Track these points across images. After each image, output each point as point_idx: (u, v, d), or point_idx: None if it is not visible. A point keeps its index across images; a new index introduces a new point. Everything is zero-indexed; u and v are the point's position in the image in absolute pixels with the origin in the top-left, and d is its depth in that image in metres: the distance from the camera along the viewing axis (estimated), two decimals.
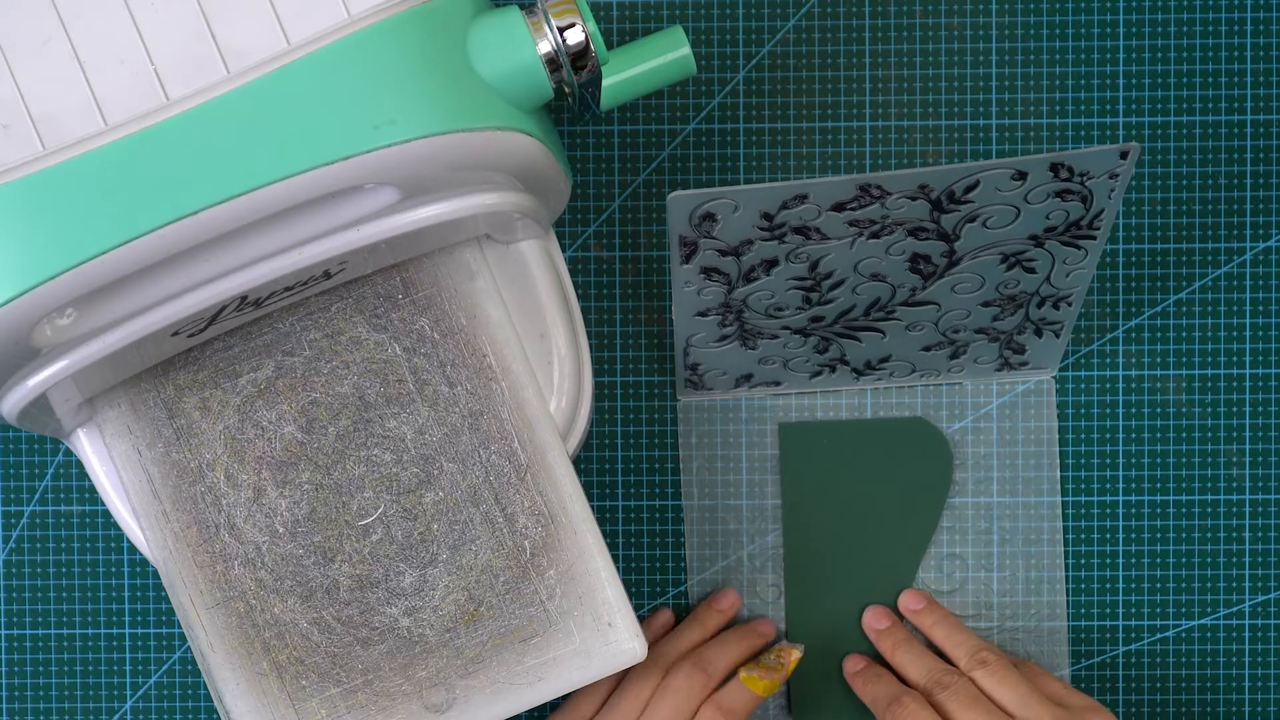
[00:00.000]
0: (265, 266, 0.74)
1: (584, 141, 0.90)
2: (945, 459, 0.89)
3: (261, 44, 0.72)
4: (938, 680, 0.85)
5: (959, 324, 0.86)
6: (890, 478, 0.89)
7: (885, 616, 0.89)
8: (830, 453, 0.90)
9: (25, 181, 0.71)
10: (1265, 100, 0.89)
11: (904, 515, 0.89)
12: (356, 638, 0.80)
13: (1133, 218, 0.90)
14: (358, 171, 0.72)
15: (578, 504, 0.81)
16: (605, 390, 0.90)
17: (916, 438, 0.90)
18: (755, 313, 0.84)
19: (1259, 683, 0.90)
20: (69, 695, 0.90)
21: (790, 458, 0.90)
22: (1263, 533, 0.90)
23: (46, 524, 0.90)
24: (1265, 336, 0.90)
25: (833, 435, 0.90)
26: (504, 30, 0.75)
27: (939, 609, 0.89)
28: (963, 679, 0.85)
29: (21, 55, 0.72)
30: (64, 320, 0.74)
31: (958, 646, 0.87)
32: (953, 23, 0.90)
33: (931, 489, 0.90)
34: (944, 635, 0.88)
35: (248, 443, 0.81)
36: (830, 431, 0.90)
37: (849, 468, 0.90)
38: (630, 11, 0.89)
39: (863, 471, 0.90)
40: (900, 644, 0.88)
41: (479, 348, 0.82)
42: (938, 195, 0.77)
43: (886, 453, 0.90)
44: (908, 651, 0.88)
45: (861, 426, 0.90)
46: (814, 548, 0.90)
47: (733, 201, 0.77)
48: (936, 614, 0.89)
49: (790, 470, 0.90)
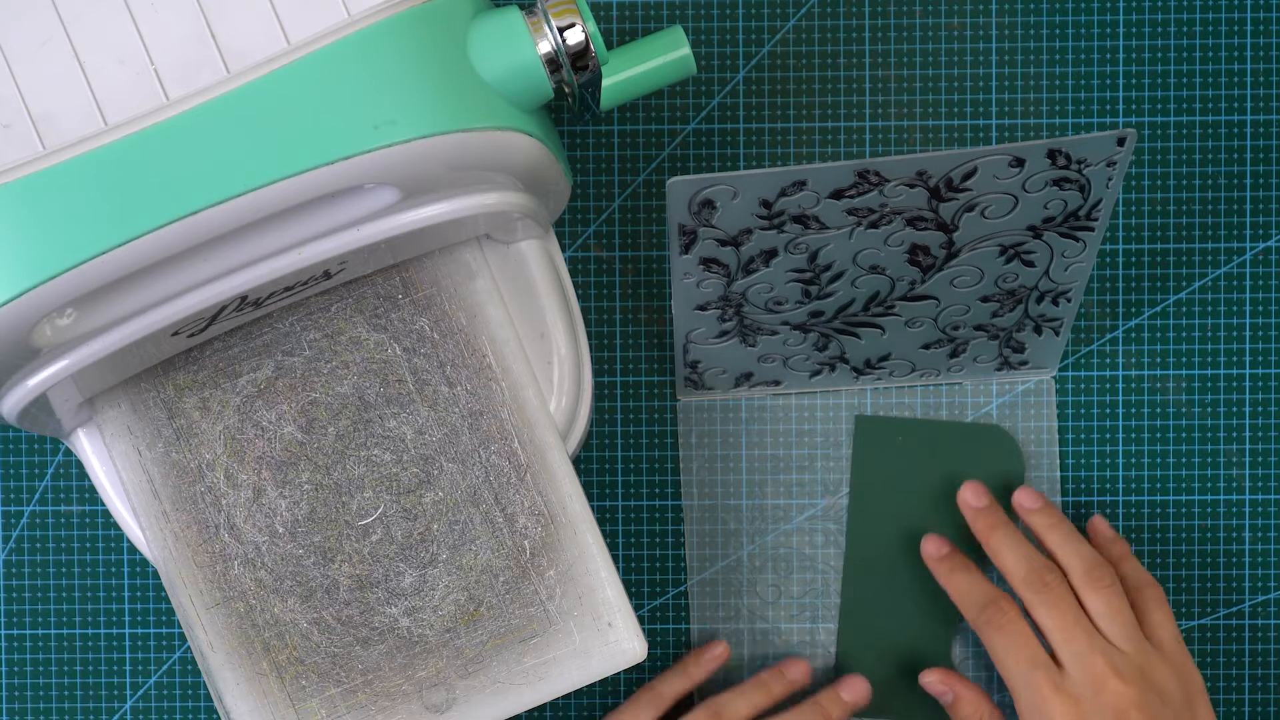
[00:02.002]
0: (265, 266, 0.75)
1: (584, 141, 0.90)
2: (1018, 468, 0.89)
3: (261, 44, 0.72)
4: (1040, 578, 0.82)
5: (958, 320, 0.86)
6: (962, 481, 0.88)
7: (984, 495, 0.86)
8: (904, 451, 0.89)
9: (25, 181, 0.71)
10: (1265, 100, 0.89)
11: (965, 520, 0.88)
12: (356, 638, 0.80)
13: (1133, 218, 0.90)
14: (358, 171, 0.72)
15: (578, 504, 0.81)
16: (605, 390, 0.90)
17: (992, 444, 0.89)
18: (755, 306, 0.84)
19: (1259, 683, 0.90)
20: (69, 695, 0.90)
21: (863, 452, 0.89)
22: (1263, 533, 0.90)
23: (46, 524, 0.90)
24: (1265, 336, 0.90)
25: (908, 433, 0.89)
26: (504, 30, 0.75)
27: (1056, 512, 0.86)
28: (1065, 586, 0.82)
29: (21, 55, 0.72)
30: (64, 320, 0.74)
31: (1073, 556, 0.84)
32: (953, 23, 0.90)
33: (1002, 496, 0.88)
34: (1058, 541, 0.85)
35: (248, 443, 0.81)
36: (906, 429, 0.89)
37: (922, 467, 0.89)
38: (630, 11, 0.90)
39: (936, 472, 0.89)
40: (998, 526, 0.85)
41: (479, 348, 0.82)
42: (936, 183, 0.78)
43: (961, 456, 0.89)
44: (1007, 536, 0.84)
45: (939, 427, 0.89)
46: (876, 544, 0.89)
47: (732, 188, 0.77)
48: (1053, 517, 0.86)
49: (862, 464, 0.89)
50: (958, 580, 0.85)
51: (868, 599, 0.89)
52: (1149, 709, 0.80)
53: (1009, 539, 0.85)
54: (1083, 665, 0.81)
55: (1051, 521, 0.85)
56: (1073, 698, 0.81)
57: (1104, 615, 0.83)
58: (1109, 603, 0.83)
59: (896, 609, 0.89)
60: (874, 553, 0.89)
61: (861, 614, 0.89)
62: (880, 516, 0.89)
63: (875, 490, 0.89)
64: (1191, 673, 0.83)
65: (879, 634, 0.89)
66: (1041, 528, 0.86)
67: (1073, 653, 0.82)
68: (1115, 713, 0.80)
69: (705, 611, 0.90)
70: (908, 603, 0.89)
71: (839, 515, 0.90)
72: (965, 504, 0.87)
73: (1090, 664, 0.81)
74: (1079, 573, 0.83)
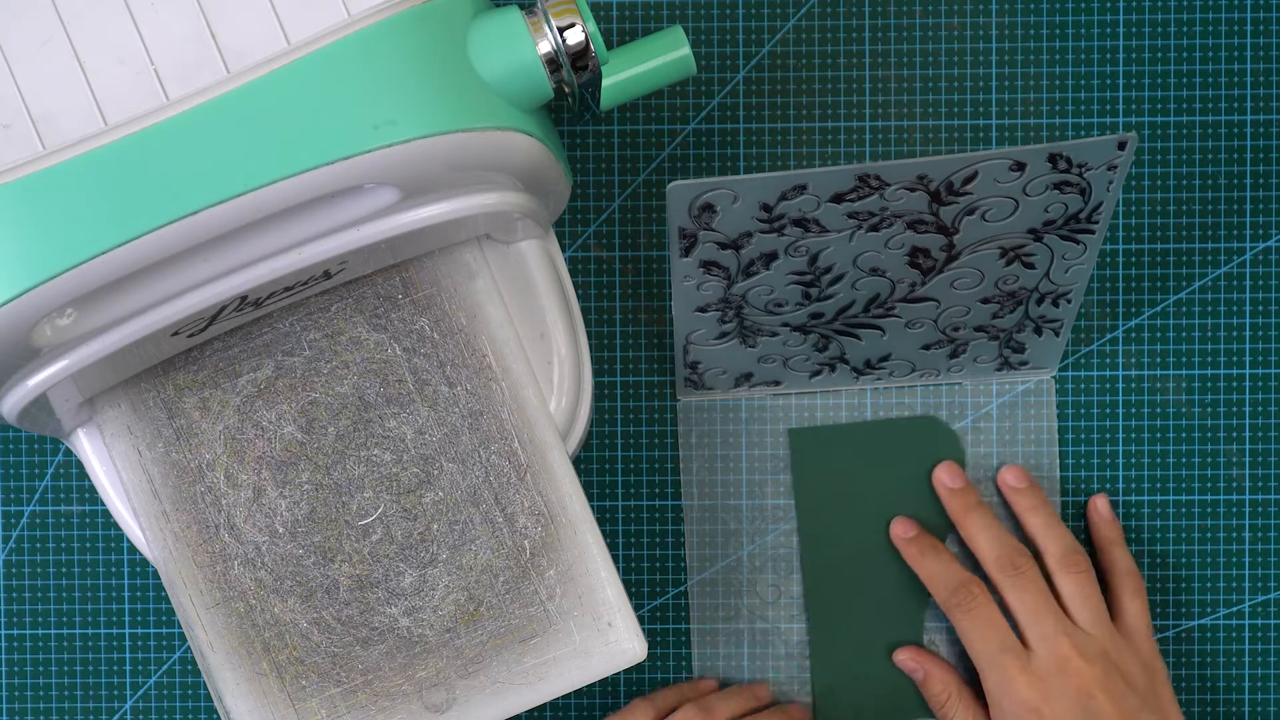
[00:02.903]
0: (265, 266, 0.75)
1: (584, 141, 0.90)
2: (958, 455, 0.89)
3: (261, 44, 0.72)
4: (1012, 561, 0.83)
5: (958, 321, 0.86)
6: (904, 477, 0.89)
7: (959, 476, 0.87)
8: (842, 456, 0.89)
9: (25, 181, 0.71)
10: (1265, 100, 0.89)
11: (920, 513, 0.89)
12: (356, 638, 0.80)
13: (1133, 218, 0.90)
14: (358, 171, 0.72)
15: (578, 504, 0.81)
16: (605, 390, 0.90)
17: (928, 436, 0.89)
18: (755, 308, 0.84)
19: (1259, 683, 0.90)
20: (69, 695, 0.90)
21: (802, 463, 0.89)
22: (1263, 533, 0.90)
23: (46, 524, 0.90)
24: (1265, 336, 0.90)
25: (843, 438, 0.90)
26: (504, 30, 0.75)
27: (1040, 494, 0.87)
28: (1036, 569, 0.83)
29: (21, 55, 0.72)
30: (64, 320, 0.74)
31: (1051, 540, 0.85)
32: (953, 23, 0.90)
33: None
34: (1039, 524, 0.86)
35: (248, 443, 0.81)
36: (841, 435, 0.89)
37: (862, 470, 0.89)
38: (630, 11, 0.89)
39: (876, 473, 0.89)
40: (973, 508, 0.86)
41: (479, 348, 0.82)
42: (936, 186, 0.78)
43: (898, 453, 0.89)
44: (980, 518, 0.85)
45: (872, 428, 0.90)
46: (831, 553, 0.89)
47: (732, 192, 0.77)
48: (1036, 498, 0.87)
49: (803, 476, 0.89)
50: (927, 563, 0.86)
51: (833, 612, 0.89)
52: (1113, 690, 0.82)
53: (982, 521, 0.86)
54: (1049, 647, 0.83)
55: (1034, 503, 0.87)
56: (1038, 678, 0.82)
57: (1074, 599, 0.84)
58: (1080, 587, 0.84)
59: (863, 613, 0.89)
60: (832, 565, 0.89)
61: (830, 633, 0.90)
62: (831, 527, 0.89)
63: (822, 502, 0.89)
64: (1157, 663, 0.85)
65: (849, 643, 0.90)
66: (1024, 508, 0.87)
67: (1040, 634, 0.83)
68: (1079, 692, 0.82)
69: (705, 611, 0.90)
70: (873, 606, 0.89)
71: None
72: (940, 484, 0.88)
73: (1056, 645, 0.83)
74: (1055, 556, 0.85)
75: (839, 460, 0.89)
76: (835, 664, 0.89)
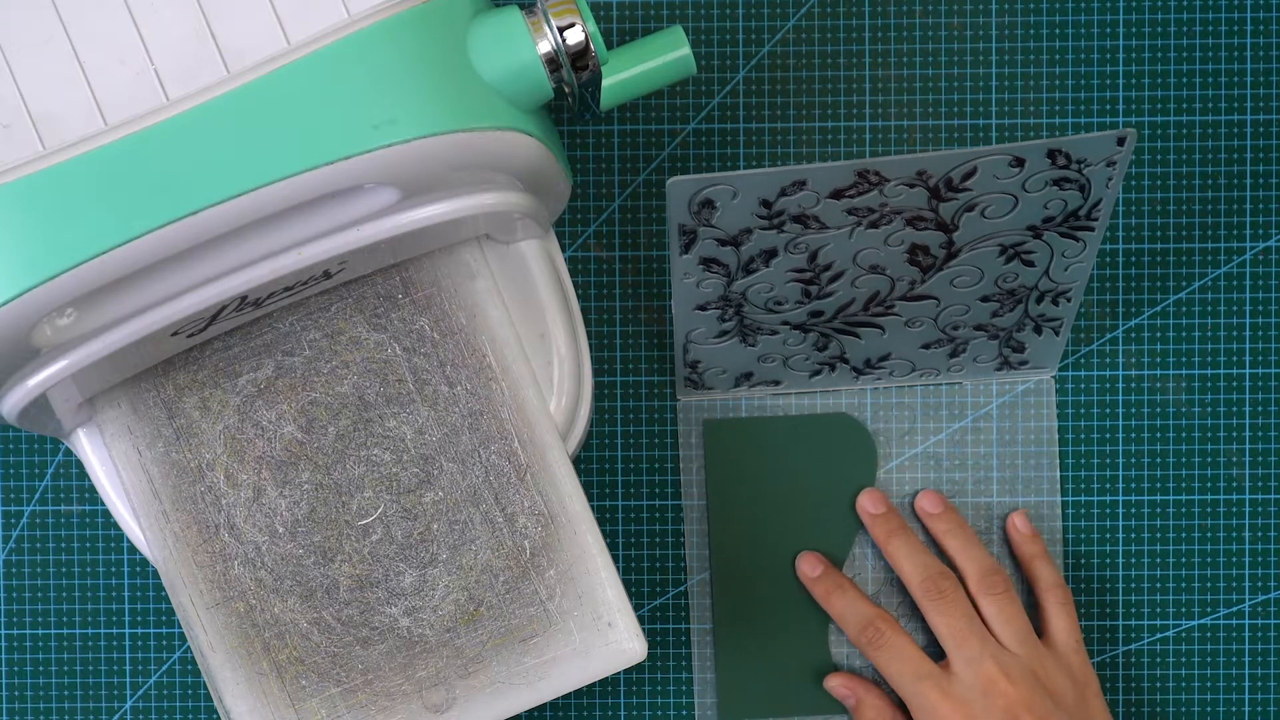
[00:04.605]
0: (265, 266, 0.75)
1: (584, 141, 0.90)
2: (870, 454, 0.89)
3: (261, 44, 0.72)
4: (935, 585, 0.84)
5: (958, 320, 0.86)
6: (814, 473, 0.89)
7: (882, 502, 0.88)
8: (754, 449, 0.89)
9: (25, 181, 0.71)
10: (1265, 100, 0.89)
11: (830, 510, 0.89)
12: (356, 638, 0.80)
13: (1133, 218, 0.90)
14: (358, 171, 0.72)
15: (578, 504, 0.81)
16: (605, 390, 0.90)
17: (841, 434, 0.89)
18: (755, 306, 0.84)
19: (1259, 683, 0.90)
20: (69, 695, 0.90)
21: (714, 454, 0.89)
22: (1263, 533, 0.90)
23: (46, 524, 0.90)
24: (1265, 336, 0.90)
25: (757, 431, 0.89)
26: (504, 30, 0.75)
27: (956, 516, 0.87)
28: (960, 592, 0.84)
29: (22, 55, 0.72)
30: (64, 320, 0.74)
31: (969, 561, 0.86)
32: (953, 23, 0.90)
33: (857, 484, 0.89)
34: (958, 547, 0.86)
35: (248, 443, 0.81)
36: (755, 428, 0.89)
37: (773, 464, 0.89)
38: (630, 11, 0.90)
39: (787, 467, 0.89)
40: (896, 533, 0.86)
41: (479, 348, 0.82)
42: (935, 182, 0.78)
43: (811, 449, 0.89)
44: (904, 544, 0.86)
45: (786, 423, 0.89)
46: (741, 542, 0.89)
47: (731, 188, 0.77)
48: (952, 521, 0.87)
49: (714, 466, 0.89)
50: (834, 602, 0.87)
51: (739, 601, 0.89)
52: (1039, 710, 0.82)
53: (905, 546, 0.86)
54: (974, 669, 0.83)
55: (949, 527, 0.87)
56: (962, 702, 0.82)
57: (997, 620, 0.84)
58: (1002, 608, 0.84)
59: (771, 610, 0.89)
60: (738, 554, 0.89)
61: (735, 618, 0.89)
62: (740, 519, 0.89)
63: (731, 493, 0.89)
64: (1087, 674, 0.85)
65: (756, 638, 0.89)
66: (940, 533, 0.87)
67: (964, 657, 0.83)
68: (1005, 714, 0.82)
69: (705, 611, 0.90)
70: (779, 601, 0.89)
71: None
72: (864, 511, 0.88)
73: (980, 667, 0.83)
74: (974, 578, 0.85)
75: (751, 453, 0.89)
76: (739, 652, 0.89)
